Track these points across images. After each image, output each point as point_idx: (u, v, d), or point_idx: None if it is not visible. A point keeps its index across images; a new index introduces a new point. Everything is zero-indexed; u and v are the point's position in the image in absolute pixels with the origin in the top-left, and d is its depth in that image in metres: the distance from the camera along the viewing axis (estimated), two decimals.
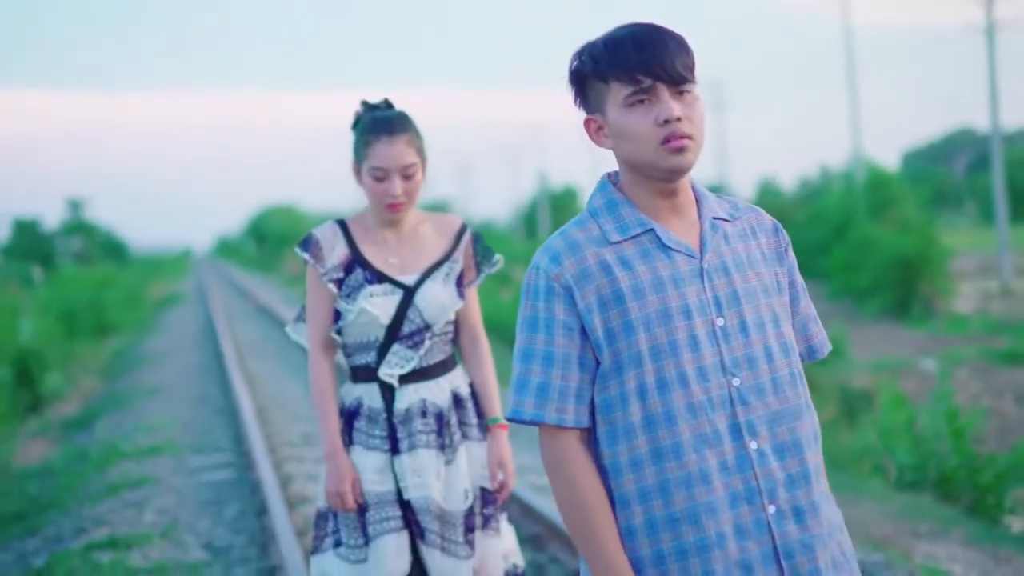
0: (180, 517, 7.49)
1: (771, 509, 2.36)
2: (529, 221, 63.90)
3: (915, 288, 26.81)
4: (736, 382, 2.38)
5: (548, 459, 2.41)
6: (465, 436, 3.74)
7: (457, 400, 3.75)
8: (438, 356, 3.72)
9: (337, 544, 3.64)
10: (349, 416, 3.70)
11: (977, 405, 13.54)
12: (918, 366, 17.97)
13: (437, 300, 3.68)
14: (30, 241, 55.95)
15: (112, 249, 64.82)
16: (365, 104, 3.72)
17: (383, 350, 3.65)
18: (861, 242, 28.99)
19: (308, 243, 3.69)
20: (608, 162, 2.52)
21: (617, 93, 2.36)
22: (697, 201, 2.48)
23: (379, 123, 3.63)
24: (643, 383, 2.36)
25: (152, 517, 7.51)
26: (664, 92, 2.35)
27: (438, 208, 40.56)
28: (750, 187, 67.32)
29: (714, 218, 2.47)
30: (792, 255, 2.55)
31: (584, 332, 2.39)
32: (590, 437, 2.42)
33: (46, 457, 11.29)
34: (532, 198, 65.28)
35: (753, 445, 2.37)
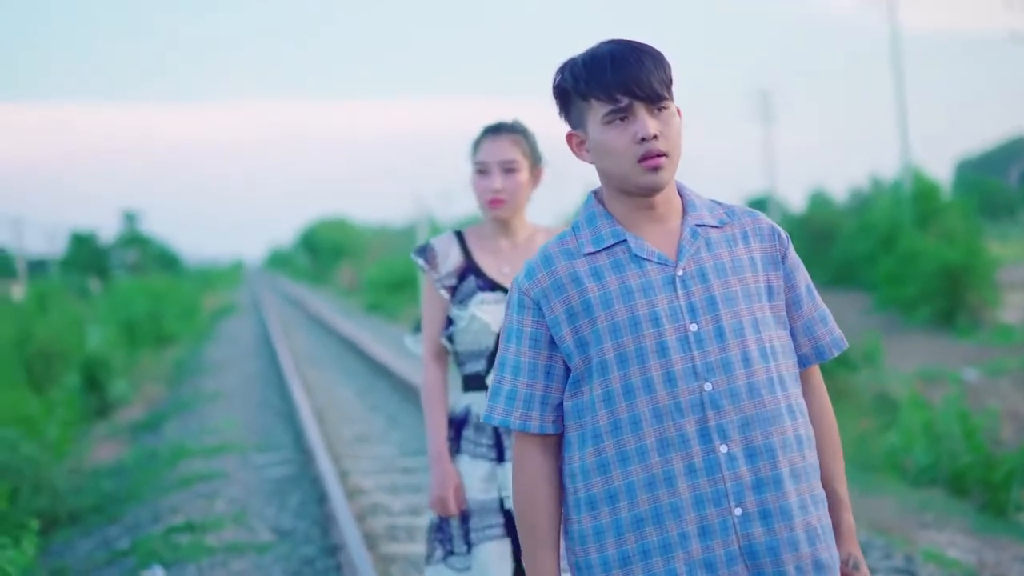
0: (248, 506, 8.23)
1: (737, 512, 2.39)
2: None
3: (961, 299, 27.00)
4: (708, 387, 2.40)
5: (513, 460, 2.52)
6: None
7: None
8: None
9: (448, 555, 3.72)
10: (458, 425, 3.76)
11: (1007, 411, 14.08)
12: (960, 376, 18.31)
13: None
14: (87, 253, 57.09)
15: (166, 261, 65.84)
16: None
17: (493, 358, 3.68)
18: (907, 253, 29.28)
19: (424, 251, 3.79)
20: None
21: (597, 111, 2.42)
22: (684, 209, 2.51)
23: (489, 126, 3.81)
24: (610, 390, 2.41)
25: (223, 506, 8.25)
26: (641, 110, 2.40)
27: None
28: (800, 197, 67.06)
29: (697, 225, 2.49)
30: (793, 259, 2.55)
31: (553, 343, 2.46)
32: (562, 441, 2.49)
33: (118, 457, 12.07)
34: (578, 210, 65.83)
35: (723, 449, 2.40)
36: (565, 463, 2.48)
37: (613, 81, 2.38)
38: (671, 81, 2.44)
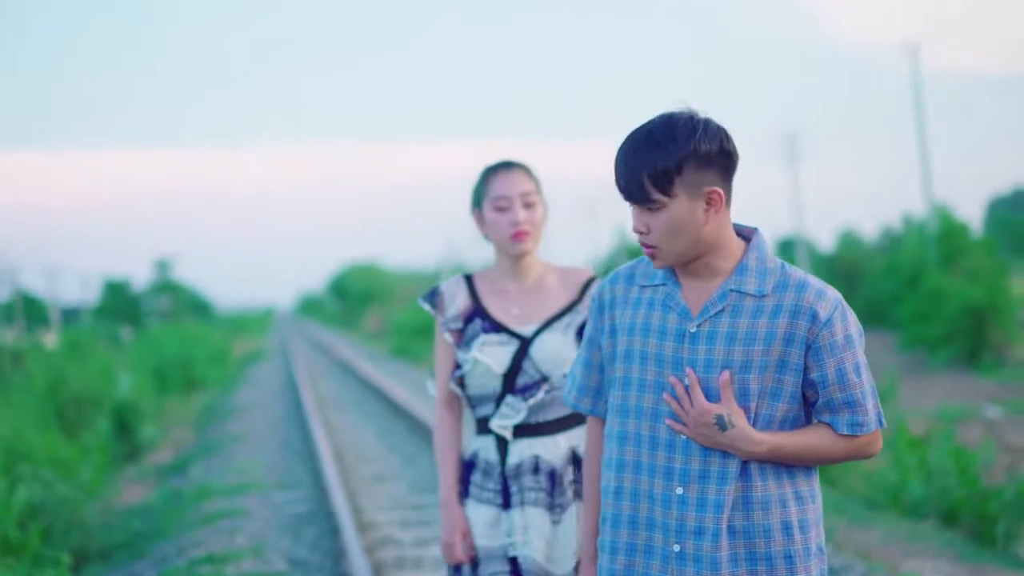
0: (267, 539, 8.69)
1: (676, 548, 2.67)
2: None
3: (985, 337, 27.18)
4: (685, 433, 2.67)
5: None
6: (578, 495, 3.66)
7: (576, 459, 3.69)
8: (557, 412, 3.69)
9: None
10: (467, 468, 3.73)
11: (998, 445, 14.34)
12: (982, 414, 18.20)
13: (554, 350, 3.65)
14: (119, 301, 57.86)
15: (198, 308, 66.56)
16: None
17: (500, 401, 3.67)
18: (932, 292, 29.40)
19: (432, 295, 3.79)
20: None
21: None
22: (734, 271, 2.70)
23: (496, 163, 3.77)
24: (614, 403, 2.76)
25: (243, 540, 8.71)
26: (635, 208, 2.68)
27: None
28: (830, 238, 67.05)
29: (732, 290, 2.68)
30: (827, 341, 2.65)
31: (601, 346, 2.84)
32: None
33: (145, 498, 12.56)
34: (610, 252, 66.27)
35: (679, 490, 2.67)
36: None
37: (617, 184, 2.67)
38: (669, 172, 2.60)
